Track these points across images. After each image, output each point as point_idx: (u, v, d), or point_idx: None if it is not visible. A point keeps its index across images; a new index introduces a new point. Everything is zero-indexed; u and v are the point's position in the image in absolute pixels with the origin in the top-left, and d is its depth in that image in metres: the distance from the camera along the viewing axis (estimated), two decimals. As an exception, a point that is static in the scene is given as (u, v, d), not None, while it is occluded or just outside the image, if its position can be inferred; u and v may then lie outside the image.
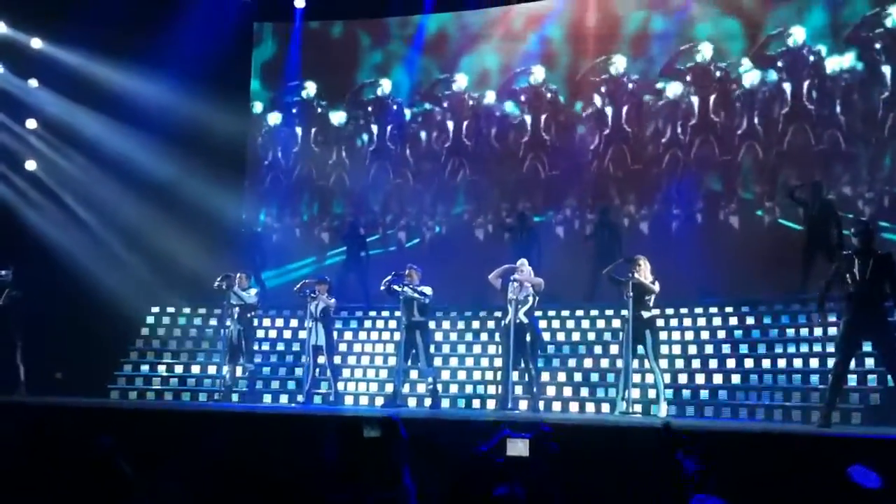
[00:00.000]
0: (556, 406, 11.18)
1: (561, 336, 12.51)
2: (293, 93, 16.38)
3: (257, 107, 16.50)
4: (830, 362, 9.05)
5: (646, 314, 9.83)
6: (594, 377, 11.57)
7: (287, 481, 6.21)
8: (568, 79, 15.12)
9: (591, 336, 12.35)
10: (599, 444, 6.77)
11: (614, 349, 11.45)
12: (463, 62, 15.68)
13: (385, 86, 16.07)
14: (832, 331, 10.00)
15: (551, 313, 12.59)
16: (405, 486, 4.61)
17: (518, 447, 4.64)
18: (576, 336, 12.45)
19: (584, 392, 11.36)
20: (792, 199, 11.91)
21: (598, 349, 12.02)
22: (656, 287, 9.89)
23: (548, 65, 15.17)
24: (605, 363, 11.66)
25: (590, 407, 11.05)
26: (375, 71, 16.16)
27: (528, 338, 10.30)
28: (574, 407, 11.13)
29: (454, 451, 5.90)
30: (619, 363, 10.10)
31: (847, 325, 8.15)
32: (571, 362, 11.97)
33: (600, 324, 12.44)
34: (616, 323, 11.70)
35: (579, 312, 12.74)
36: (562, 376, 11.73)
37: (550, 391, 11.42)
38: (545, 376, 11.48)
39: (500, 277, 10.52)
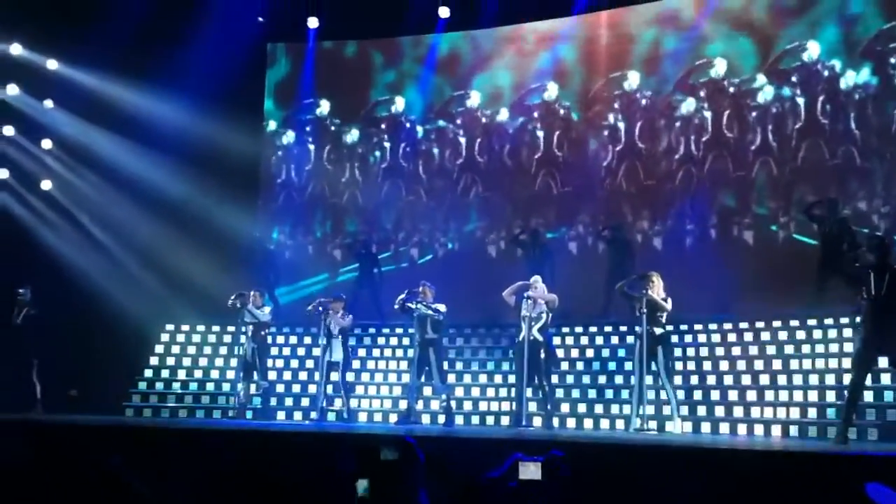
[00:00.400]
0: (571, 423, 11.17)
1: (574, 353, 12.50)
2: (307, 111, 16.44)
3: (271, 125, 16.57)
4: (846, 378, 8.98)
5: (658, 331, 9.80)
6: (608, 394, 11.54)
7: (300, 498, 6.20)
8: (581, 95, 15.12)
9: (605, 352, 12.33)
10: (614, 462, 6.72)
11: (628, 366, 11.39)
12: (475, 80, 15.72)
13: (398, 104, 16.11)
14: (848, 346, 9.96)
15: (565, 330, 12.57)
16: (421, 506, 4.58)
17: (530, 470, 4.59)
18: (589, 353, 12.43)
19: (599, 409, 11.33)
20: (807, 217, 11.89)
21: (611, 366, 12.01)
22: (668, 304, 9.88)
23: (560, 81, 15.18)
24: (619, 380, 11.63)
25: (604, 424, 11.03)
26: (388, 89, 16.21)
27: (541, 355, 10.26)
28: (588, 424, 11.10)
29: (468, 470, 5.87)
30: (633, 380, 10.05)
31: (863, 340, 8.10)
32: (585, 379, 11.96)
33: (614, 340, 12.42)
34: (629, 339, 11.66)
35: (593, 329, 12.72)
36: (576, 393, 11.71)
37: (564, 408, 11.39)
38: (559, 393, 11.46)
39: (513, 294, 10.52)
